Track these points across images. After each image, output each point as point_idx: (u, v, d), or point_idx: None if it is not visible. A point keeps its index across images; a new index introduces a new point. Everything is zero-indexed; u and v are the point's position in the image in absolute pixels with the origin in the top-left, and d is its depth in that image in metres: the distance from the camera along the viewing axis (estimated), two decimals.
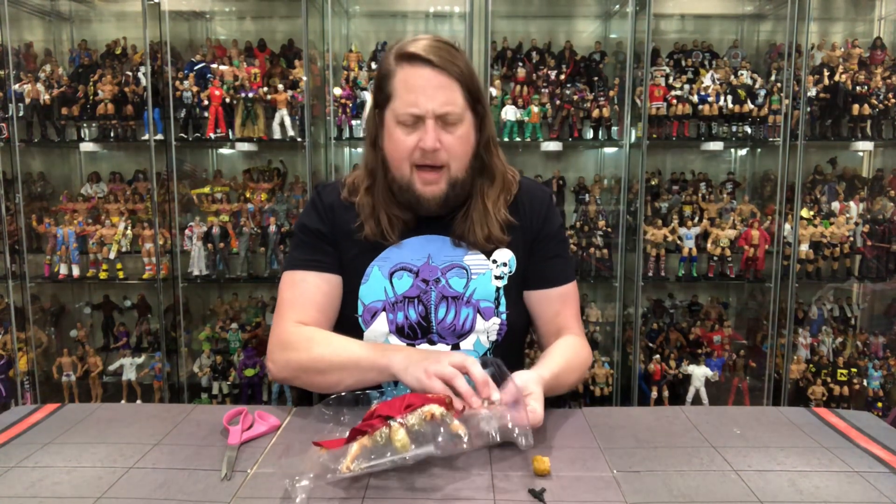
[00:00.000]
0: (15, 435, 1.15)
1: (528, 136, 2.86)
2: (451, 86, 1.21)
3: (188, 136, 2.86)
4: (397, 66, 1.22)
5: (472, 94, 1.24)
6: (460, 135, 1.24)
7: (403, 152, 1.24)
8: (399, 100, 1.22)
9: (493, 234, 1.31)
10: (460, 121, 1.23)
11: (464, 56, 1.25)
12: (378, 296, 1.32)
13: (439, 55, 1.20)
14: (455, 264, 1.33)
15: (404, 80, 1.21)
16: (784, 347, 2.85)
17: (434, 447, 0.94)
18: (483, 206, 1.31)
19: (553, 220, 1.38)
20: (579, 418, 1.21)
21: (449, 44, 1.24)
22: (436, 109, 1.20)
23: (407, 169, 1.25)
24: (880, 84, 2.82)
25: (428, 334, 1.33)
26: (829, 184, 2.97)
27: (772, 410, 1.25)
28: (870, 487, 0.96)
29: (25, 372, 2.95)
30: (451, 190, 1.27)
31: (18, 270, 2.92)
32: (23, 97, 2.83)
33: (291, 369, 1.27)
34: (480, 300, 1.32)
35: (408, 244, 1.33)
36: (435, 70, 1.20)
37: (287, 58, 2.93)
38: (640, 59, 2.75)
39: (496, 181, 1.33)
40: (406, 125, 1.23)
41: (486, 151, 1.32)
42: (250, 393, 2.88)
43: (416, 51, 1.20)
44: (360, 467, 0.94)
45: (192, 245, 2.87)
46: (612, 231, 2.90)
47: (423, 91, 1.20)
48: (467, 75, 1.23)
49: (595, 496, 0.93)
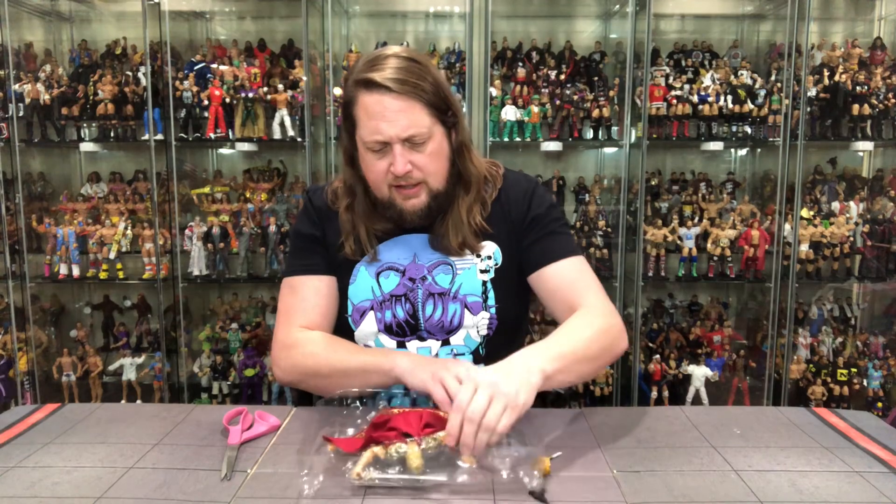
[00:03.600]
0: (15, 435, 1.15)
1: (528, 136, 2.86)
2: (413, 107, 1.19)
3: (188, 136, 2.86)
4: (357, 93, 1.21)
5: (438, 107, 1.22)
6: (431, 151, 1.22)
7: (378, 176, 1.24)
8: (363, 127, 1.21)
9: (467, 241, 1.31)
10: (428, 138, 1.21)
11: (427, 68, 1.21)
12: (366, 295, 1.33)
13: (398, 78, 1.17)
14: (441, 261, 1.33)
15: (364, 108, 1.20)
16: (784, 347, 2.85)
17: (447, 477, 0.95)
18: (458, 213, 1.30)
19: (538, 202, 1.35)
20: (579, 418, 1.21)
21: (410, 58, 1.21)
22: (399, 134, 1.18)
23: (385, 189, 1.26)
24: (880, 84, 2.82)
25: (416, 331, 1.33)
26: (829, 184, 2.97)
27: (772, 410, 1.25)
28: (870, 487, 0.96)
29: (25, 372, 2.95)
30: (432, 201, 1.27)
31: (18, 270, 2.92)
32: (23, 97, 2.83)
33: (298, 373, 1.29)
34: (467, 295, 1.32)
35: (391, 245, 1.34)
36: (394, 95, 1.17)
37: (287, 58, 2.93)
38: (640, 59, 2.75)
39: (471, 187, 1.32)
40: (374, 151, 1.22)
41: (460, 157, 1.30)
42: (250, 393, 2.88)
43: (374, 77, 1.17)
44: (370, 476, 0.94)
45: (192, 245, 2.87)
46: (612, 231, 2.90)
47: (383, 118, 1.18)
48: (431, 91, 1.20)
49: (595, 496, 0.93)
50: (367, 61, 1.21)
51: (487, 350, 1.34)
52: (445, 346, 1.33)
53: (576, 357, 1.13)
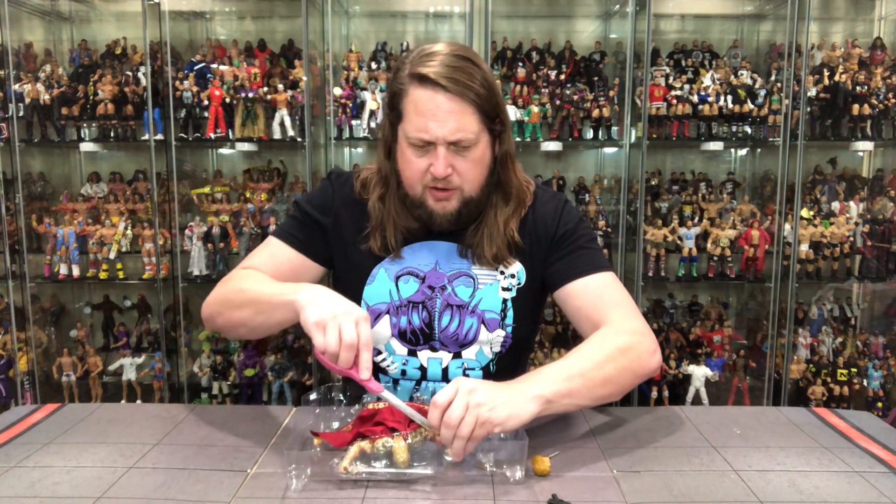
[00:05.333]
0: (15, 435, 1.15)
1: (528, 136, 2.86)
2: (465, 110, 1.15)
3: (188, 136, 2.86)
4: (410, 86, 1.16)
5: (488, 113, 1.18)
6: (474, 158, 1.19)
7: (415, 174, 1.21)
8: (410, 123, 1.17)
9: (500, 252, 1.27)
10: (474, 144, 1.18)
11: (482, 70, 1.17)
12: (383, 298, 1.31)
13: (454, 78, 1.13)
14: (462, 272, 1.30)
15: (415, 103, 1.16)
16: (784, 347, 2.85)
17: (432, 469, 0.96)
18: (495, 223, 1.27)
19: (566, 220, 1.31)
20: (579, 418, 1.21)
21: (467, 58, 1.17)
22: (447, 136, 1.15)
23: (419, 189, 1.23)
24: (880, 84, 2.82)
25: (430, 341, 1.31)
26: (829, 184, 2.97)
27: (772, 410, 1.26)
28: (870, 487, 0.96)
29: (25, 372, 2.95)
30: (463, 207, 1.24)
31: (18, 270, 2.92)
32: (23, 97, 2.83)
33: (214, 303, 1.27)
34: (486, 311, 1.29)
35: (416, 249, 1.31)
36: (447, 95, 1.13)
37: (287, 58, 2.93)
38: (640, 59, 2.75)
39: (511, 198, 1.29)
40: (417, 147, 1.18)
41: (503, 167, 1.26)
42: (250, 393, 2.88)
43: (429, 73, 1.13)
44: (356, 470, 0.95)
45: (192, 245, 2.87)
46: (612, 231, 2.90)
47: (433, 116, 1.14)
48: (484, 95, 1.16)
49: (595, 496, 0.93)
50: (424, 54, 1.17)
51: (498, 367, 1.32)
52: (457, 359, 1.31)
53: (585, 380, 1.08)
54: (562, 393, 1.04)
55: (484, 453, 0.99)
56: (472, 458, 1.00)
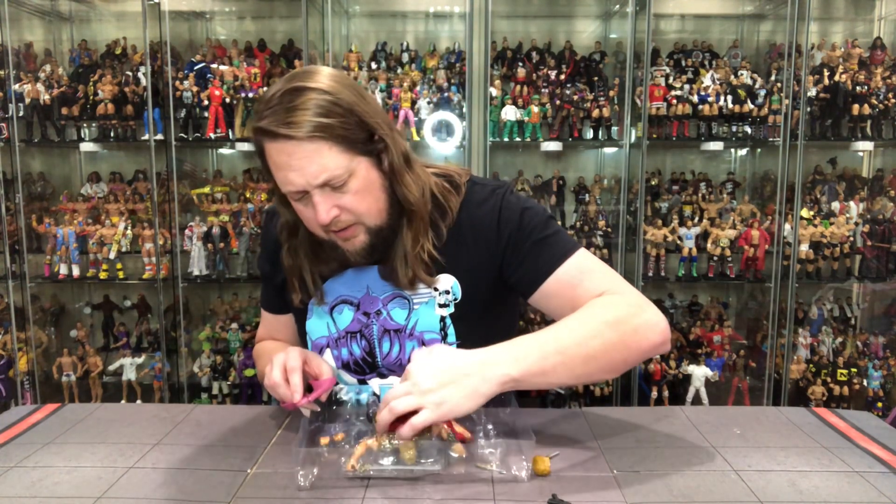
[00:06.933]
0: (15, 435, 1.15)
1: (528, 136, 2.86)
2: (319, 149, 1.02)
3: (188, 136, 2.86)
4: (261, 141, 1.07)
5: (350, 138, 1.05)
6: (357, 190, 1.07)
7: (310, 223, 1.13)
8: (276, 178, 1.08)
9: (418, 276, 1.16)
10: (349, 177, 1.06)
11: (327, 95, 1.03)
12: (322, 332, 1.26)
13: (290, 121, 1.01)
14: (396, 294, 1.21)
15: (270, 158, 1.07)
16: (784, 347, 2.85)
17: (439, 466, 0.96)
18: (401, 247, 1.16)
19: (507, 218, 1.17)
20: (579, 418, 1.21)
21: (302, 88, 1.03)
22: (311, 182, 1.04)
23: (323, 233, 1.14)
24: (880, 84, 2.82)
25: (375, 369, 1.25)
26: (829, 184, 2.97)
27: (772, 410, 1.25)
28: (870, 487, 0.96)
29: (25, 372, 2.95)
30: (374, 238, 1.14)
31: (18, 270, 2.92)
32: (23, 97, 2.83)
33: None
34: (424, 332, 1.20)
35: (346, 276, 1.24)
36: (293, 141, 1.02)
37: (287, 58, 2.93)
38: (640, 59, 2.75)
39: (414, 217, 1.15)
40: (297, 199, 1.09)
41: (395, 184, 1.12)
42: (250, 393, 2.88)
43: (265, 126, 1.03)
44: (363, 468, 0.95)
45: (192, 245, 2.87)
46: (612, 231, 2.90)
47: (289, 168, 1.04)
48: (336, 123, 1.03)
49: (595, 496, 0.93)
50: (262, 101, 1.06)
51: None
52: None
53: (563, 357, 1.00)
54: (533, 372, 0.98)
55: (491, 450, 0.99)
56: (479, 455, 0.99)
